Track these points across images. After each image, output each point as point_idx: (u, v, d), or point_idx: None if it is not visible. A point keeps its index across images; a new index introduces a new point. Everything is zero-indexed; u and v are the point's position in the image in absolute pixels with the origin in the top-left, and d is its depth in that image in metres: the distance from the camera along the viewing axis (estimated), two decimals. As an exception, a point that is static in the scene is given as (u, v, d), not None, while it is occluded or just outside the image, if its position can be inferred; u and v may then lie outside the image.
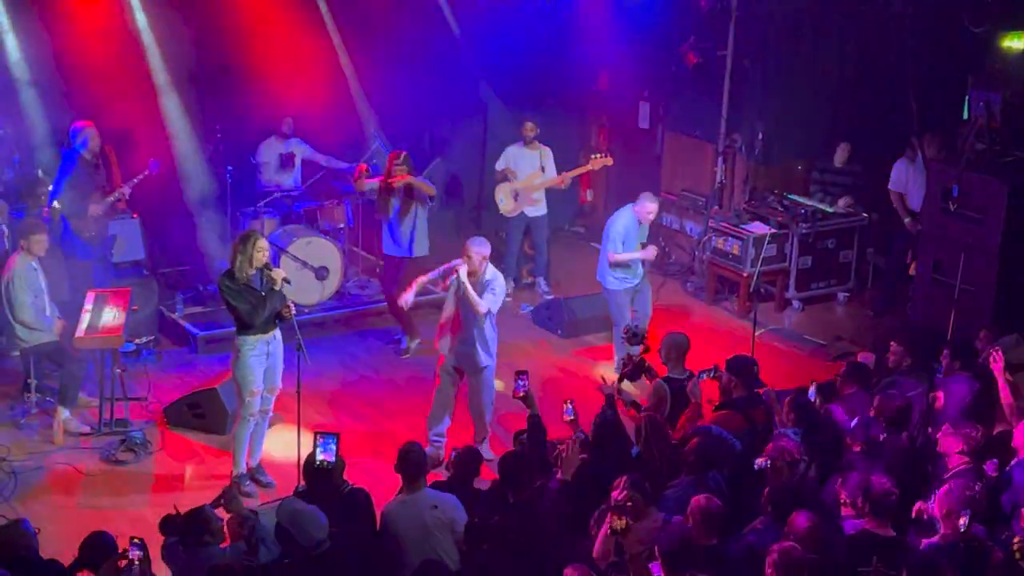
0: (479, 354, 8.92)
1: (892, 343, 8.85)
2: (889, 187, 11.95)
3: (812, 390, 8.24)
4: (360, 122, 12.97)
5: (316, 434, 7.02)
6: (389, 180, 10.55)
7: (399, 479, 7.01)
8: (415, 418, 9.58)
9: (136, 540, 6.15)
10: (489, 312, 8.83)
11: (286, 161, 12.35)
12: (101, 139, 10.72)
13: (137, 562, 6.07)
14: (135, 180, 10.90)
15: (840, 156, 12.55)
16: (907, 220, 11.81)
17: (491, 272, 8.91)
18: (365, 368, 10.83)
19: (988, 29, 10.99)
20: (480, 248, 8.87)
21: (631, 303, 10.57)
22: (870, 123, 12.57)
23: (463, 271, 8.78)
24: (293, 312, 8.40)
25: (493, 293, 8.82)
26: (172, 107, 11.90)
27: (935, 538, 6.42)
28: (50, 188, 10.75)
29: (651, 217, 10.46)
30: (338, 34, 12.75)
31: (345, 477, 7.11)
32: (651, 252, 10.55)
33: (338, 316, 11.57)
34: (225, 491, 6.98)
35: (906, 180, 11.84)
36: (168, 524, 6.65)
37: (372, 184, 10.70)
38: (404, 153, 10.59)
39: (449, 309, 9.00)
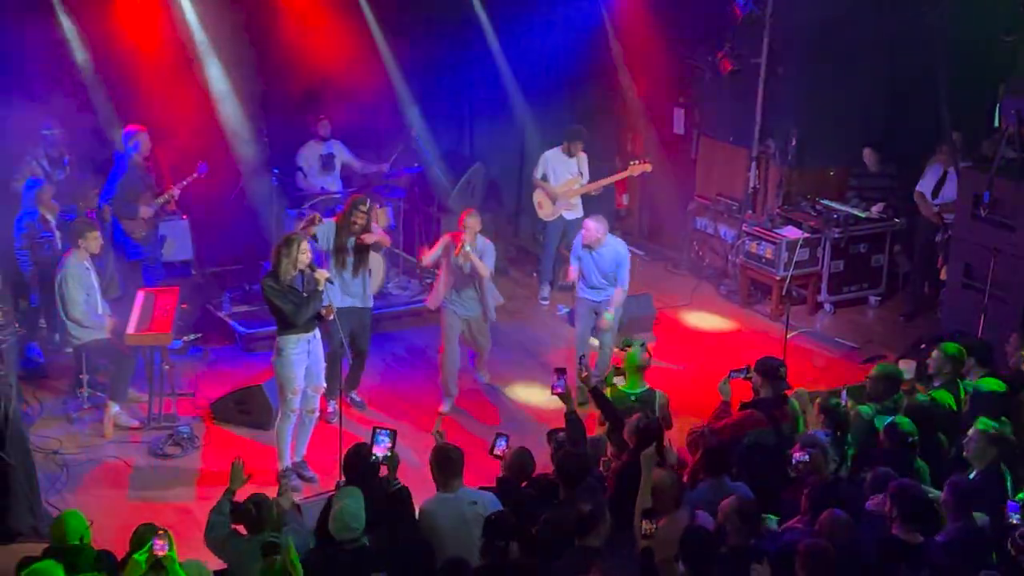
0: (489, 305, 10.00)
1: (934, 350, 8.77)
2: (916, 188, 11.91)
3: (844, 394, 8.24)
4: (400, 126, 13.00)
5: (374, 429, 7.05)
6: (358, 237, 9.41)
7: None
8: (456, 417, 9.64)
9: (161, 531, 5.95)
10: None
11: (327, 163, 12.42)
12: (152, 143, 10.88)
13: (163, 555, 5.87)
14: (184, 182, 11.06)
15: (870, 160, 12.51)
16: (933, 210, 11.74)
17: (481, 241, 9.87)
18: (406, 367, 10.89)
19: (1019, 38, 10.93)
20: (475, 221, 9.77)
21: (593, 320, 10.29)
22: (903, 129, 12.51)
23: (469, 241, 9.68)
24: (334, 313, 8.47)
25: (490, 259, 9.90)
26: (221, 110, 11.96)
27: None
28: (98, 190, 10.86)
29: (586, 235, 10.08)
30: (382, 38, 12.78)
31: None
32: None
33: (379, 316, 11.62)
34: (281, 483, 7.10)
35: (931, 182, 11.82)
36: (242, 514, 6.58)
37: (329, 223, 9.46)
38: (370, 202, 9.60)
39: (448, 268, 9.88)
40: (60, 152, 11.11)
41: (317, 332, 8.65)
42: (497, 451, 7.41)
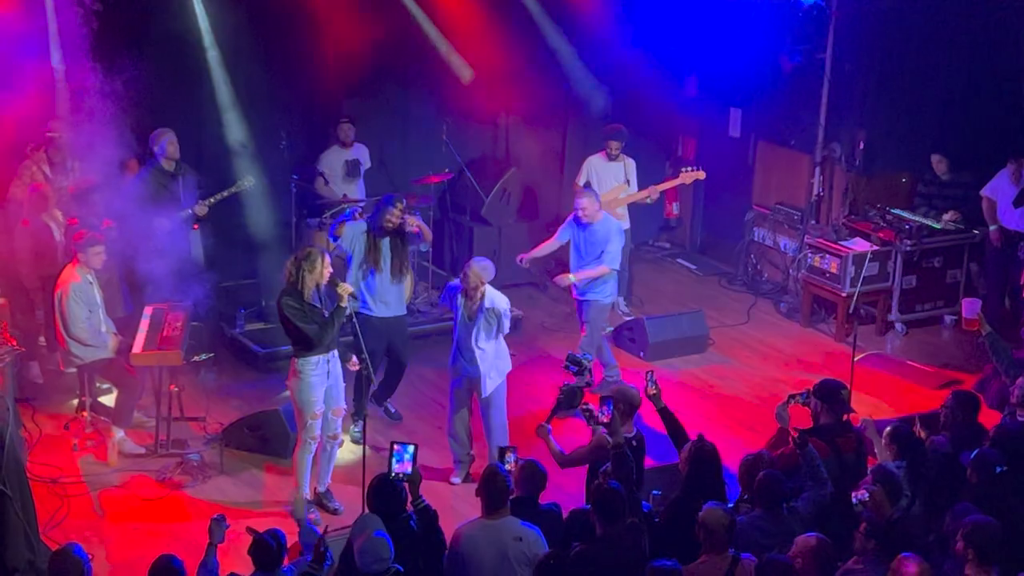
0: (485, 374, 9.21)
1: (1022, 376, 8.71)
2: (982, 192, 11.86)
3: (917, 423, 8.23)
4: (430, 129, 13.06)
5: (392, 444, 7.10)
6: (393, 234, 9.65)
7: (469, 504, 7.09)
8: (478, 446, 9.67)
9: None
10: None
11: (352, 169, 12.48)
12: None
13: None
14: (223, 194, 10.96)
15: (940, 168, 12.46)
16: (992, 228, 11.71)
17: (490, 298, 9.08)
18: (434, 390, 10.90)
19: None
20: (482, 272, 9.06)
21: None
22: (981, 131, 12.46)
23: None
24: (347, 299, 8.50)
25: (505, 318, 9.15)
26: (236, 115, 12.03)
27: None
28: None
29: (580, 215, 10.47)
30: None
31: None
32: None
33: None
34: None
35: (997, 187, 11.82)
36: (259, 548, 6.57)
37: (360, 223, 9.84)
38: (405, 201, 9.86)
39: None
40: (63, 156, 11.14)
41: (335, 350, 8.74)
42: (508, 466, 7.43)
